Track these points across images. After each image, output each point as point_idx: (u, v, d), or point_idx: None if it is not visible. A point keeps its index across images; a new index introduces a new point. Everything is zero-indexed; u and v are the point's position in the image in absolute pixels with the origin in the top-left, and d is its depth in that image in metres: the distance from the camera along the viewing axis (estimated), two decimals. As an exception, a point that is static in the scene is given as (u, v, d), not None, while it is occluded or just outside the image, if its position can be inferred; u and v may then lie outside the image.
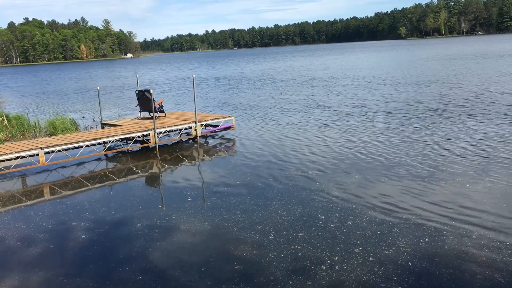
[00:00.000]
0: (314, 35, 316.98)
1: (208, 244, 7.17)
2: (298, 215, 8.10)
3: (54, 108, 27.93)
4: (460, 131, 14.21)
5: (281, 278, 5.99)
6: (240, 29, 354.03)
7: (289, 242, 7.01)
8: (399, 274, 5.93)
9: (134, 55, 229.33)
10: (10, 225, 8.52)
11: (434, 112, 18.11)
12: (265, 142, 14.51)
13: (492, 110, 17.56)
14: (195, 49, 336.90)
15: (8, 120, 18.36)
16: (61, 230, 8.12)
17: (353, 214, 7.99)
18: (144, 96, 15.86)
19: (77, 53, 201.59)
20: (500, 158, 10.96)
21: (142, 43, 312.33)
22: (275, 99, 25.61)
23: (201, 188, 10.27)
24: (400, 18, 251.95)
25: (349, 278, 5.88)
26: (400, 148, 12.53)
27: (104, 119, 18.58)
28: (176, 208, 8.88)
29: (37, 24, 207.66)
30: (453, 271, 5.95)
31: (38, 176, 11.92)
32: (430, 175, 9.95)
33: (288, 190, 9.53)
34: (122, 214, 8.74)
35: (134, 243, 7.36)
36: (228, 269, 6.30)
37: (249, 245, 6.99)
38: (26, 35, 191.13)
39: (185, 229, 7.81)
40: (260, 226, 7.68)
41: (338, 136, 14.58)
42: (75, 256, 7.04)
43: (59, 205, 9.56)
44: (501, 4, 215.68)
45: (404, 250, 6.57)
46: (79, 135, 14.29)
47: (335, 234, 7.21)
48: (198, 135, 15.19)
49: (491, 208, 7.98)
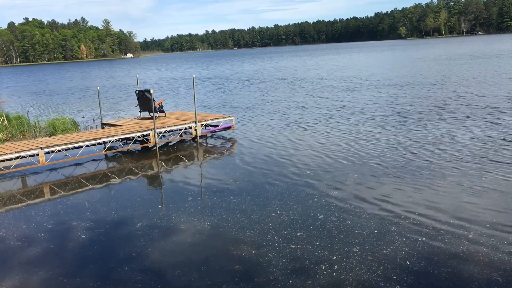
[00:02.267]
0: (314, 35, 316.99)
1: (208, 244, 7.20)
2: (297, 214, 8.13)
3: (54, 108, 27.95)
4: (456, 131, 14.24)
5: (281, 277, 6.02)
6: (240, 29, 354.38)
7: (288, 242, 7.04)
8: (397, 273, 5.97)
9: (134, 55, 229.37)
10: (10, 225, 8.55)
11: (429, 112, 18.15)
12: (265, 142, 14.54)
13: (488, 110, 17.59)
14: (195, 49, 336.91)
15: (8, 120, 18.39)
16: (61, 230, 8.15)
17: (351, 214, 8.03)
18: (144, 96, 15.88)
19: (77, 53, 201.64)
20: (497, 157, 10.99)
21: (142, 43, 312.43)
22: (267, 99, 25.66)
23: (201, 188, 10.31)
24: (400, 18, 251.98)
25: (348, 277, 5.92)
26: (398, 148, 12.57)
27: (104, 119, 18.61)
28: (176, 208, 8.92)
29: (37, 24, 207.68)
30: (451, 270, 5.98)
31: (38, 176, 11.95)
32: (428, 175, 9.98)
33: (288, 189, 9.57)
34: (122, 214, 8.77)
35: (134, 243, 7.39)
36: (228, 269, 6.34)
37: (248, 245, 7.02)
38: (26, 35, 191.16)
39: (185, 228, 7.85)
40: (259, 226, 7.71)
41: (337, 136, 14.62)
42: (75, 256, 7.07)
43: (59, 205, 9.59)
44: (501, 4, 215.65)
45: (402, 249, 6.61)
46: (79, 135, 14.32)
47: (334, 234, 7.24)
48: (198, 135, 15.22)
49: (488, 207, 8.01)
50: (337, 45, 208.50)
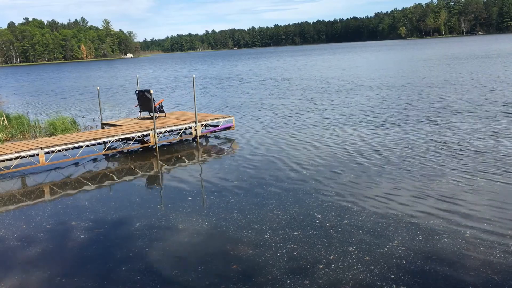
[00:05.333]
0: (314, 35, 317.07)
1: (206, 244, 7.25)
2: (295, 214, 8.19)
3: (54, 108, 28.01)
4: (453, 131, 14.29)
5: (278, 277, 6.07)
6: (240, 29, 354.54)
7: (285, 241, 7.09)
8: (394, 272, 6.02)
9: (134, 55, 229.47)
10: (10, 225, 8.60)
11: (423, 113, 18.20)
12: (264, 142, 14.58)
13: (485, 110, 17.65)
14: (195, 49, 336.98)
15: (8, 120, 18.45)
16: (61, 230, 8.20)
17: (348, 213, 8.08)
18: (144, 96, 15.93)
19: (77, 53, 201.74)
20: (494, 157, 11.04)
21: (142, 43, 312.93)
22: (267, 99, 25.72)
23: (201, 188, 10.36)
24: (400, 18, 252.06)
25: (345, 277, 5.97)
26: (394, 149, 12.62)
27: (104, 119, 18.67)
28: (174, 207, 8.97)
29: (37, 24, 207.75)
30: (448, 269, 6.03)
31: (38, 176, 12.00)
32: (424, 175, 10.03)
33: (285, 189, 9.62)
34: (121, 214, 8.83)
35: (133, 243, 7.44)
36: (226, 269, 6.39)
37: (246, 245, 7.07)
38: (26, 35, 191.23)
39: (183, 228, 7.90)
40: (257, 225, 7.76)
41: (335, 137, 14.67)
42: (75, 256, 7.12)
43: (59, 205, 9.64)
44: (501, 4, 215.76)
45: (399, 248, 6.66)
46: (79, 135, 14.36)
47: (331, 233, 7.30)
48: (198, 135, 15.27)
49: (485, 206, 8.06)
50: (336, 45, 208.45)
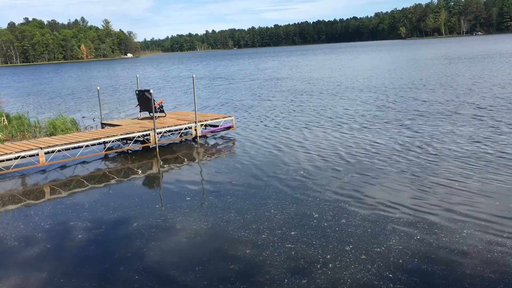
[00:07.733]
0: (314, 35, 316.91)
1: (204, 243, 7.29)
2: (293, 213, 8.23)
3: (54, 108, 28.03)
4: (450, 132, 14.33)
5: (276, 276, 6.11)
6: (240, 29, 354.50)
7: (283, 241, 7.13)
8: (391, 271, 6.06)
9: (134, 55, 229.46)
10: (9, 225, 8.64)
11: (420, 114, 18.24)
12: (264, 142, 14.62)
13: (482, 111, 17.69)
14: (195, 49, 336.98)
15: (8, 120, 18.50)
16: (61, 230, 8.24)
17: (346, 213, 8.13)
18: (144, 96, 15.97)
19: (77, 53, 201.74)
20: (491, 157, 11.08)
21: (142, 43, 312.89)
22: (266, 99, 25.75)
23: (200, 188, 10.41)
24: (400, 18, 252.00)
25: (342, 276, 6.01)
26: (392, 149, 12.66)
27: (104, 119, 18.71)
28: (173, 207, 9.01)
29: (37, 24, 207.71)
30: (444, 268, 6.08)
31: (38, 176, 12.04)
32: (421, 175, 10.07)
33: (283, 189, 9.66)
34: (121, 214, 8.87)
35: (132, 243, 7.48)
36: (224, 268, 6.42)
37: (244, 244, 7.11)
38: (26, 35, 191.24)
39: (181, 228, 7.94)
40: (255, 225, 7.81)
41: (333, 137, 14.71)
42: (74, 256, 7.15)
43: (58, 205, 9.68)
44: (501, 4, 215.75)
45: (396, 247, 6.70)
46: (79, 135, 14.40)
47: (328, 233, 7.34)
48: (198, 135, 15.31)
49: (482, 206, 8.10)
50: (336, 46, 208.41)
